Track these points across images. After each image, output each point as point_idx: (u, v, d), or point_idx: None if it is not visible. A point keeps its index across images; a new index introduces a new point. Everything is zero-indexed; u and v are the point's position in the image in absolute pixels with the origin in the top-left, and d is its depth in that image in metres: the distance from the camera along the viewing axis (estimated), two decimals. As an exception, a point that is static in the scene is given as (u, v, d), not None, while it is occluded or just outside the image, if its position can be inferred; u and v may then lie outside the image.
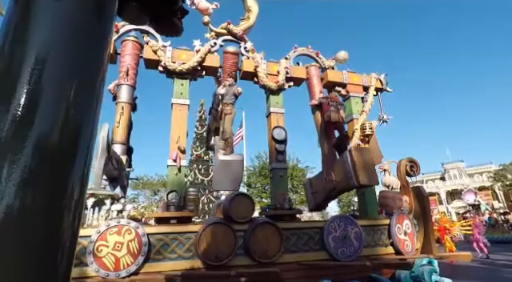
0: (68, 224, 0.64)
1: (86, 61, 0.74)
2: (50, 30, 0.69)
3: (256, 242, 3.90)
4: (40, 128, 0.62)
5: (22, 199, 0.56)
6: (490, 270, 10.22)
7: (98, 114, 0.78)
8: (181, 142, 4.91)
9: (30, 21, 0.68)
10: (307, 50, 6.53)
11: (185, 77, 5.31)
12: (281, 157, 5.37)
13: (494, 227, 16.00)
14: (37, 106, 0.62)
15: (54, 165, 0.62)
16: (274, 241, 3.97)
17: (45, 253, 0.59)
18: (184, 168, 4.85)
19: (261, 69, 5.67)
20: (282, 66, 5.85)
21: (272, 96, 5.76)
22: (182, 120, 5.07)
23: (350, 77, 6.43)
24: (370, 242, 4.62)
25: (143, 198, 23.47)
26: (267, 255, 3.88)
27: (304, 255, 4.14)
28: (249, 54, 5.95)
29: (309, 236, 4.27)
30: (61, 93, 0.67)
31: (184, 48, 5.53)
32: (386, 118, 6.50)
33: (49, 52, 0.67)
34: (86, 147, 0.71)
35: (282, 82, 5.74)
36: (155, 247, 3.61)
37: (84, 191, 0.70)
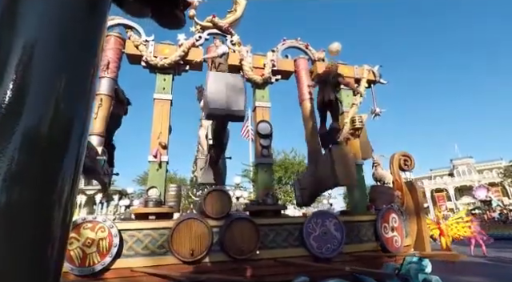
0: (59, 219, 0.62)
1: (78, 53, 0.71)
2: (39, 18, 0.65)
3: (231, 238, 3.83)
4: (28, 121, 0.59)
5: (9, 194, 0.55)
6: (497, 267, 9.89)
7: (90, 109, 0.75)
8: (162, 137, 4.86)
9: (18, 8, 0.65)
10: (296, 42, 6.36)
11: (167, 72, 5.25)
12: (265, 152, 5.26)
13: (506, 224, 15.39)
14: (24, 98, 0.60)
15: (43, 159, 0.60)
16: (250, 237, 3.88)
17: (35, 248, 0.58)
18: (165, 164, 4.81)
19: (246, 62, 5.56)
20: (268, 59, 5.71)
21: (258, 90, 5.65)
22: (164, 115, 5.02)
23: (340, 69, 6.19)
24: (354, 238, 4.48)
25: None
26: (243, 252, 3.80)
27: (282, 252, 4.04)
28: (235, 48, 5.83)
29: (288, 232, 4.17)
30: (50, 86, 0.64)
31: (167, 42, 5.47)
32: (379, 111, 6.29)
33: (37, 42, 0.63)
34: (78, 141, 0.69)
35: (268, 75, 5.60)
36: (127, 243, 3.59)
37: (76, 185, 0.69)
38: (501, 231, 14.40)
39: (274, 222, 4.19)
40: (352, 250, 4.36)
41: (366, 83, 6.19)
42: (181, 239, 3.67)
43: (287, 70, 5.96)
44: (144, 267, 3.54)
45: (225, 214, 3.95)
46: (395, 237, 4.78)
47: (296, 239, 4.15)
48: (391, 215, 4.77)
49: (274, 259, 3.96)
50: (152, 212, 4.22)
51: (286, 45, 6.27)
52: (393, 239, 4.74)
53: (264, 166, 5.21)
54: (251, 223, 3.95)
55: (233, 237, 3.85)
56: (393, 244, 4.71)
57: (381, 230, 4.58)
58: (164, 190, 4.68)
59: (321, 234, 4.16)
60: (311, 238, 4.11)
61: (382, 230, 4.60)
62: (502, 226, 15.13)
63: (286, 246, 4.10)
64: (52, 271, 0.62)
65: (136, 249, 3.61)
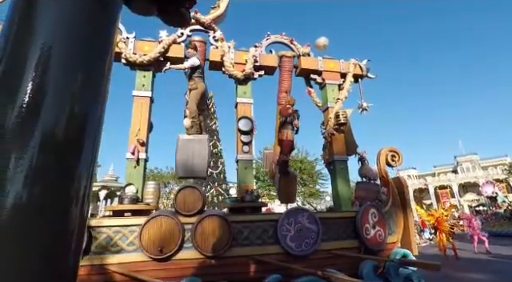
0: (76, 215, 0.65)
1: (92, 54, 0.73)
2: (54, 22, 0.68)
3: (202, 235, 3.79)
4: (46, 121, 0.62)
5: (29, 191, 0.57)
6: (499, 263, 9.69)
7: (103, 108, 0.77)
8: (141, 134, 4.85)
9: (34, 12, 0.68)
10: (281, 37, 6.25)
11: (147, 68, 5.23)
12: (246, 148, 5.20)
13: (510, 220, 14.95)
14: (42, 99, 0.63)
15: (60, 157, 0.63)
16: (221, 234, 3.84)
17: (54, 243, 0.60)
18: (143, 161, 4.79)
19: (227, 58, 5.49)
20: (250, 54, 5.63)
21: (239, 86, 5.58)
22: (144, 112, 5.01)
23: (325, 64, 6.11)
24: (333, 235, 4.38)
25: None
26: (214, 249, 3.76)
27: (256, 249, 3.98)
28: (217, 44, 5.78)
29: (263, 229, 4.11)
30: (66, 86, 0.67)
31: (148, 39, 5.44)
32: (366, 105, 6.15)
33: (53, 45, 0.66)
34: (93, 140, 0.71)
35: (250, 70, 5.52)
36: (97, 240, 3.59)
37: (91, 182, 0.71)
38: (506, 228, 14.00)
39: (247, 219, 4.14)
40: (330, 247, 4.28)
41: (352, 78, 6.05)
42: (150, 236, 3.65)
43: (271, 66, 5.87)
44: (112, 264, 3.53)
45: (196, 211, 3.92)
46: (378, 232, 4.67)
47: (271, 237, 4.09)
48: (370, 211, 4.65)
49: (248, 256, 3.91)
50: (128, 209, 4.22)
51: (270, 40, 6.17)
52: (376, 234, 4.63)
53: (244, 162, 5.15)
54: (223, 220, 3.91)
55: (204, 234, 3.81)
56: (376, 239, 4.60)
57: (360, 227, 4.47)
58: (142, 187, 4.67)
59: (296, 232, 4.09)
60: (288, 239, 4.03)
61: (362, 227, 4.49)
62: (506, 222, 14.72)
63: (261, 243, 4.05)
64: (71, 265, 0.64)
65: (105, 246, 3.60)
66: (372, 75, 6.50)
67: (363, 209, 4.61)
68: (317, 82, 6.18)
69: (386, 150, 5.89)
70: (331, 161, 5.61)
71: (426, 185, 40.63)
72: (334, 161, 5.52)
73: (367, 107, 6.13)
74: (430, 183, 40.60)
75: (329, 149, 5.69)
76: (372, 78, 6.50)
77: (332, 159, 5.58)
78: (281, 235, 4.03)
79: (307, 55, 6.21)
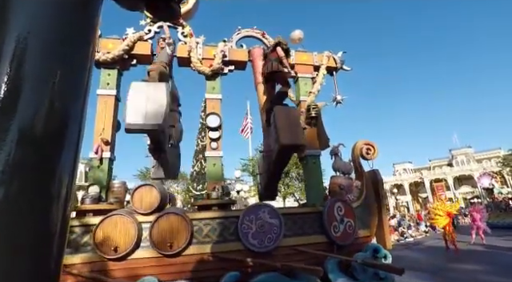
0: (57, 213, 0.63)
1: (71, 48, 0.70)
2: (31, 13, 0.65)
3: (159, 234, 3.73)
4: (23, 117, 0.59)
5: (6, 188, 0.55)
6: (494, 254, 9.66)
7: (85, 104, 0.75)
8: (105, 133, 4.79)
9: (9, 4, 0.64)
10: (252, 31, 6.15)
11: (111, 67, 5.15)
12: (214, 145, 5.13)
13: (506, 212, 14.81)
14: (19, 94, 0.60)
15: (39, 153, 0.61)
16: (179, 232, 3.77)
17: (34, 242, 0.58)
18: (108, 160, 4.73)
19: (194, 54, 5.40)
20: (218, 49, 5.54)
21: (208, 82, 5.49)
22: (108, 111, 4.94)
23: (298, 57, 5.99)
24: (298, 230, 4.30)
25: None
26: (172, 247, 3.70)
27: (217, 247, 3.91)
28: (186, 40, 5.69)
29: (224, 227, 4.04)
30: (45, 81, 0.64)
31: (113, 37, 5.36)
32: (340, 98, 6.04)
33: (30, 37, 0.63)
34: (75, 136, 0.69)
35: (218, 66, 5.43)
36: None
37: (73, 180, 0.69)
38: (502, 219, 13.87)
39: (208, 216, 4.07)
40: (295, 243, 4.20)
41: (325, 70, 5.94)
42: (104, 235, 3.60)
43: (240, 60, 5.77)
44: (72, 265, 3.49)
45: (154, 209, 3.85)
46: (348, 223, 4.57)
47: (232, 234, 4.02)
48: (336, 206, 4.56)
49: (208, 254, 3.84)
50: (89, 209, 4.17)
51: (241, 34, 6.07)
52: (346, 227, 4.53)
53: (213, 159, 5.08)
54: (182, 218, 3.84)
55: (161, 232, 3.75)
56: (346, 232, 4.51)
57: (328, 225, 4.38)
58: (107, 187, 4.61)
59: (258, 228, 4.01)
60: (250, 236, 3.96)
61: (330, 225, 4.40)
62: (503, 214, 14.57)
63: (222, 241, 3.98)
64: (53, 263, 0.62)
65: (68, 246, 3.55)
66: (347, 68, 6.37)
67: (328, 206, 4.51)
68: (290, 76, 6.07)
69: (360, 143, 5.78)
70: (304, 156, 5.51)
71: (422, 178, 40.89)
72: (306, 156, 5.42)
73: (341, 100, 6.01)
74: (425, 177, 41.04)
75: (301, 143, 5.58)
76: (347, 70, 6.38)
77: (304, 153, 5.48)
78: (242, 233, 3.95)
79: (279, 48, 6.09)
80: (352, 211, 4.73)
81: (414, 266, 8.58)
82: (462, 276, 7.28)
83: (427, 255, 11.15)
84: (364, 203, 5.16)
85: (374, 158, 5.78)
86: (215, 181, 4.91)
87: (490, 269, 7.66)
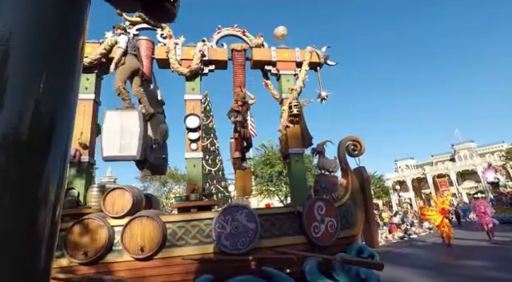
0: (44, 219, 0.61)
1: (58, 49, 0.68)
2: (14, 11, 0.62)
3: (131, 237, 3.69)
4: (6, 120, 0.57)
5: None
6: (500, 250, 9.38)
7: (73, 108, 0.73)
8: (83, 137, 4.78)
9: None
10: (232, 30, 6.06)
11: (89, 71, 5.15)
12: (194, 146, 5.07)
13: (511, 205, 14.37)
14: (1, 96, 0.57)
15: (24, 160, 0.59)
16: (153, 236, 3.72)
17: (21, 248, 0.57)
18: (87, 164, 4.72)
19: (172, 55, 5.36)
20: (196, 49, 5.48)
21: (187, 82, 5.44)
22: (87, 115, 4.93)
23: (279, 53, 5.88)
24: (276, 231, 4.20)
25: (152, 190, 24.42)
26: (144, 251, 3.65)
27: (191, 249, 3.85)
28: (165, 41, 5.65)
29: (199, 229, 3.97)
30: (29, 84, 0.61)
31: (91, 41, 5.36)
32: (325, 94, 5.91)
33: (12, 36, 0.60)
34: (61, 140, 0.68)
35: (196, 66, 5.37)
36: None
37: (62, 185, 0.68)
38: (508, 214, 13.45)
39: (182, 219, 4.01)
40: (273, 244, 4.10)
41: (307, 67, 5.82)
42: (75, 239, 3.58)
43: (221, 60, 5.69)
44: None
45: (126, 212, 3.81)
46: (329, 222, 4.45)
47: (207, 236, 3.95)
48: (316, 206, 4.44)
49: (180, 257, 3.78)
50: (66, 213, 4.15)
51: (221, 33, 6.00)
52: (327, 226, 4.41)
53: (192, 160, 5.02)
54: (154, 221, 3.79)
55: (133, 236, 3.71)
56: (328, 232, 4.38)
57: (308, 226, 4.27)
58: (85, 190, 4.60)
59: (232, 230, 3.93)
60: (222, 237, 3.88)
61: (310, 226, 4.28)
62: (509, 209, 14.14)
63: (196, 243, 3.91)
64: (41, 271, 0.61)
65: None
66: (332, 62, 6.24)
67: (307, 206, 4.40)
68: (272, 74, 5.98)
69: (346, 139, 5.64)
70: (287, 154, 5.41)
71: (425, 174, 40.21)
72: (289, 154, 5.32)
73: (326, 96, 5.88)
74: (428, 173, 40.43)
75: (284, 142, 5.49)
76: (332, 65, 6.24)
77: (287, 152, 5.38)
78: (216, 232, 3.88)
79: (261, 46, 6.01)
80: (334, 209, 4.60)
81: (418, 263, 8.38)
82: (468, 273, 7.05)
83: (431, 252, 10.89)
84: (349, 202, 5.03)
85: (360, 154, 5.64)
86: (195, 182, 4.85)
87: (497, 265, 7.40)
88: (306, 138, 5.41)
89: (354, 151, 5.61)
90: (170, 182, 24.73)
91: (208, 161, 23.17)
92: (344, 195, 5.09)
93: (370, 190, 5.32)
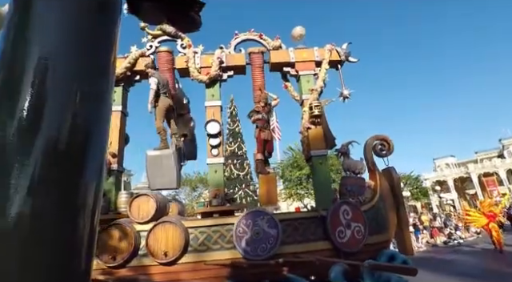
0: (84, 223, 0.65)
1: (92, 64, 0.73)
2: (53, 30, 0.68)
3: (155, 242, 3.79)
4: (47, 133, 0.62)
5: (32, 204, 0.57)
6: None
7: (107, 119, 0.78)
8: (112, 147, 5.05)
9: (31, 23, 0.68)
10: (249, 35, 6.08)
11: (116, 84, 5.43)
12: (215, 151, 5.12)
13: None
14: (42, 110, 0.62)
15: (64, 166, 0.63)
16: (174, 241, 3.80)
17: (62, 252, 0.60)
18: (116, 172, 4.97)
19: (191, 64, 5.49)
20: (214, 56, 5.57)
21: (207, 89, 5.53)
22: (115, 126, 5.21)
23: (298, 54, 5.78)
24: (298, 237, 4.08)
25: (183, 195, 25.16)
26: (167, 255, 3.73)
27: (213, 255, 3.86)
28: (185, 51, 5.82)
29: (220, 234, 3.97)
30: (67, 97, 0.66)
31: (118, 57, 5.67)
32: (348, 93, 5.68)
33: (51, 55, 0.66)
34: (98, 148, 0.71)
35: (215, 73, 5.45)
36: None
37: (99, 191, 0.71)
38: None
39: (203, 224, 4.04)
40: (295, 250, 3.98)
41: (327, 65, 5.64)
42: (104, 244, 3.75)
43: (239, 65, 5.72)
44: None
45: (150, 218, 3.93)
46: (356, 228, 4.23)
47: (228, 242, 3.94)
48: (341, 210, 4.23)
49: (203, 262, 3.81)
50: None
51: (238, 39, 6.04)
52: (353, 232, 4.20)
53: (214, 166, 5.07)
54: (176, 227, 3.86)
55: (157, 241, 3.81)
56: (355, 238, 4.17)
57: (332, 231, 4.08)
58: (115, 196, 4.84)
59: (253, 235, 3.88)
60: (243, 242, 3.85)
61: (335, 231, 4.09)
62: None
63: (218, 248, 3.92)
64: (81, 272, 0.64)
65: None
66: (354, 59, 5.99)
67: (332, 210, 4.22)
68: (291, 75, 5.88)
69: (372, 139, 5.37)
70: (309, 157, 5.26)
71: (468, 173, 36.45)
72: (312, 156, 5.17)
73: (348, 95, 5.65)
74: (472, 171, 36.61)
75: (306, 144, 5.35)
76: (354, 62, 5.99)
77: (310, 154, 5.23)
78: (236, 236, 3.86)
79: (279, 48, 5.95)
80: (361, 214, 4.36)
81: (462, 270, 7.71)
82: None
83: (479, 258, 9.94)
84: (378, 205, 4.75)
85: (389, 154, 5.32)
86: (217, 188, 4.89)
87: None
88: (328, 139, 5.23)
89: (381, 150, 5.32)
90: (200, 187, 25.31)
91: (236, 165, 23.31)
92: (372, 197, 4.82)
93: (400, 192, 4.99)
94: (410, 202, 28.53)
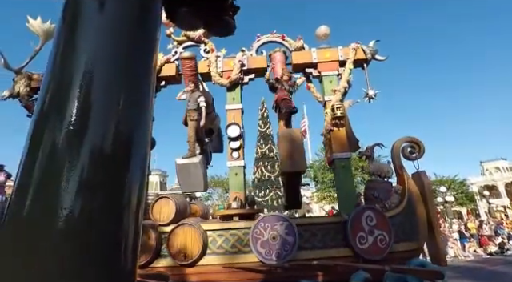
0: (129, 224, 0.67)
1: (134, 70, 0.77)
2: (97, 42, 0.73)
3: (175, 244, 3.92)
4: (93, 138, 0.66)
5: (81, 203, 0.61)
6: None
7: (149, 124, 0.80)
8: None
9: (76, 35, 0.74)
10: (272, 37, 6.04)
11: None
12: (236, 154, 5.17)
13: None
14: (88, 115, 0.67)
15: (108, 172, 0.66)
16: (193, 243, 3.89)
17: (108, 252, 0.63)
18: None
19: (213, 68, 5.60)
20: (236, 60, 5.62)
21: (228, 93, 5.60)
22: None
23: (320, 54, 5.62)
24: (317, 243, 3.95)
25: (216, 196, 25.78)
26: (186, 257, 3.84)
27: (230, 258, 3.89)
28: (208, 55, 5.95)
29: (237, 238, 4.00)
30: (111, 102, 0.70)
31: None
32: (373, 93, 5.40)
33: (96, 62, 0.71)
34: (140, 152, 0.74)
35: (236, 76, 5.50)
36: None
37: (143, 193, 0.74)
38: None
39: (221, 227, 4.09)
40: (313, 256, 3.86)
41: (351, 65, 5.41)
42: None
43: (260, 68, 5.71)
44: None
45: (170, 220, 4.08)
46: (380, 236, 3.99)
47: (245, 245, 3.94)
48: (365, 215, 4.02)
49: (221, 265, 3.86)
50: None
51: (260, 41, 6.03)
52: (377, 240, 3.97)
53: (234, 169, 5.11)
54: (196, 229, 3.96)
55: (177, 243, 3.93)
56: (377, 246, 3.95)
57: (353, 237, 3.90)
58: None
59: (269, 239, 3.84)
60: (258, 244, 3.83)
61: (355, 237, 3.90)
62: None
63: (235, 252, 3.94)
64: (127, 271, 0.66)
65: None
66: (381, 57, 5.68)
67: (354, 214, 4.03)
68: (314, 76, 5.73)
69: (401, 141, 5.03)
70: (332, 160, 5.09)
71: None
72: (335, 159, 4.99)
73: (374, 95, 5.37)
74: (499, 180, 32.41)
75: (329, 146, 5.18)
76: (381, 60, 5.68)
77: (332, 157, 5.06)
78: (252, 237, 3.84)
79: (301, 49, 5.84)
80: (386, 221, 4.11)
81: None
82: None
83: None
84: (406, 211, 4.44)
85: (419, 157, 4.95)
86: (237, 191, 4.93)
87: None
88: (351, 141, 5.01)
89: (411, 153, 4.96)
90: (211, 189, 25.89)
91: (267, 167, 23.24)
92: (399, 203, 4.52)
93: (432, 197, 4.61)
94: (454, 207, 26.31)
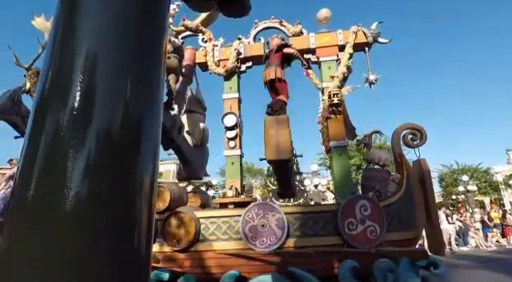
0: (140, 208, 0.65)
1: (141, 55, 0.73)
2: (99, 23, 0.69)
3: (169, 230, 4.07)
4: (99, 122, 0.63)
5: (88, 187, 0.59)
6: None
7: (159, 108, 0.77)
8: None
9: (78, 15, 0.70)
10: (269, 22, 5.91)
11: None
12: (232, 143, 5.20)
13: None
14: (92, 102, 0.64)
15: (117, 156, 0.64)
16: (187, 230, 4.02)
17: (121, 238, 0.61)
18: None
19: (209, 57, 5.60)
20: (232, 48, 5.57)
21: (225, 82, 5.60)
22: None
23: (318, 39, 5.44)
24: (308, 231, 3.96)
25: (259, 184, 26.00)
26: (179, 243, 3.99)
27: (222, 244, 4.00)
28: (205, 45, 5.94)
29: (229, 225, 4.09)
30: (116, 87, 0.67)
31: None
32: (374, 78, 5.19)
33: (99, 46, 0.67)
34: (151, 138, 0.72)
35: (232, 65, 5.46)
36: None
37: (154, 178, 0.72)
38: None
39: (214, 214, 4.19)
40: (303, 244, 3.88)
41: (351, 49, 5.19)
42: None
43: (257, 55, 5.62)
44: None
45: (165, 208, 4.22)
46: (370, 227, 3.93)
47: (236, 232, 4.03)
48: (359, 204, 3.94)
49: (212, 251, 3.98)
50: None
51: (258, 28, 5.92)
52: (366, 230, 3.91)
53: (230, 158, 5.17)
54: (188, 217, 4.08)
55: (171, 229, 4.08)
56: (366, 236, 3.89)
57: (341, 221, 3.86)
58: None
59: (258, 225, 3.89)
60: (247, 227, 3.89)
61: (344, 221, 3.87)
62: None
63: (226, 239, 4.04)
64: (141, 257, 0.65)
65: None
66: (384, 40, 5.40)
67: (346, 201, 3.97)
68: (312, 62, 5.58)
69: (402, 127, 4.83)
70: (329, 148, 5.00)
71: None
72: (331, 147, 4.91)
73: (375, 80, 5.15)
74: None
75: (326, 134, 5.09)
76: (384, 43, 5.41)
77: (329, 145, 4.97)
78: (243, 220, 3.90)
79: (300, 34, 5.67)
80: (380, 213, 4.01)
81: None
82: None
83: None
84: (403, 198, 4.32)
85: (421, 144, 4.75)
86: (233, 179, 5.00)
87: None
88: (348, 129, 4.88)
89: (412, 140, 4.76)
90: (247, 176, 26.05)
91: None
92: (396, 192, 4.40)
93: (431, 185, 4.43)
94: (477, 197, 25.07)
